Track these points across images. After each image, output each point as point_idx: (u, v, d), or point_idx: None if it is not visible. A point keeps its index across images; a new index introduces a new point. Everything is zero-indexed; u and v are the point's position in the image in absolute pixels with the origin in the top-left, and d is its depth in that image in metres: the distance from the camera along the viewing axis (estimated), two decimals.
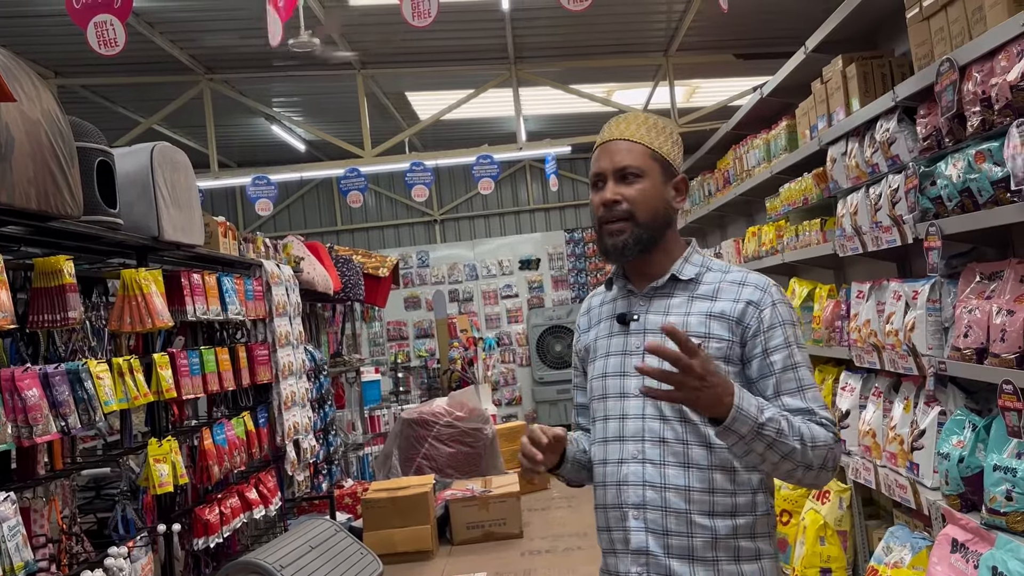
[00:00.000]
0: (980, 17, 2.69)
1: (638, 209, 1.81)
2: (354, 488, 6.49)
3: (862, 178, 3.68)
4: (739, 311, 1.80)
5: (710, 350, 1.75)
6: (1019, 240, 3.06)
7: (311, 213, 12.74)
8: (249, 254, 4.94)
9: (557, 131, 10.56)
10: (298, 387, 5.09)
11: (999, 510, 2.72)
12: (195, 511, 3.78)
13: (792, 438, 1.67)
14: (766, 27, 7.33)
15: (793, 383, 1.77)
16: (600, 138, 1.91)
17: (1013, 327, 2.66)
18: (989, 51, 2.58)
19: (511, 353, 12.36)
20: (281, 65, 8.02)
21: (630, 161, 1.82)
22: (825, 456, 1.71)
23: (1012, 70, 2.46)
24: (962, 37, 2.82)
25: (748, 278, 1.84)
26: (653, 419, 1.80)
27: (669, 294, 1.86)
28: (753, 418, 1.62)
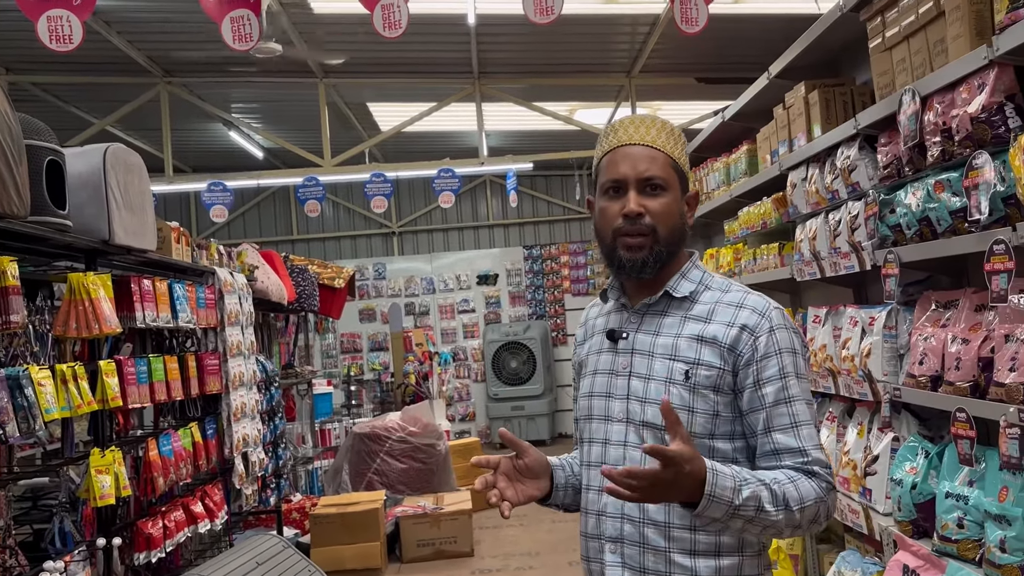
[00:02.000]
0: (942, 49, 2.73)
1: (660, 225, 1.67)
2: (302, 503, 6.38)
3: (822, 204, 3.72)
4: (732, 337, 1.65)
5: (698, 377, 1.64)
6: (974, 270, 3.10)
7: (267, 221, 12.57)
8: (202, 261, 4.84)
9: (519, 148, 10.57)
10: (248, 398, 4.98)
11: (950, 537, 2.73)
12: (137, 524, 3.66)
13: (775, 511, 1.53)
14: (727, 52, 7.43)
15: (786, 419, 1.62)
16: (615, 139, 1.74)
17: (967, 356, 2.69)
18: (950, 83, 2.62)
19: (466, 368, 12.29)
20: (241, 71, 7.91)
21: (656, 171, 1.68)
22: (816, 513, 1.58)
23: (973, 102, 2.50)
24: (923, 68, 2.86)
25: (747, 300, 1.70)
26: (635, 448, 1.67)
27: (662, 312, 1.73)
28: (727, 501, 1.48)
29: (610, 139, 1.75)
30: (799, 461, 1.60)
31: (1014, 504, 2.45)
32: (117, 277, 3.58)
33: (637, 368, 1.71)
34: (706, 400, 1.63)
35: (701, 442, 1.62)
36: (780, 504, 1.53)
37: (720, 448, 1.64)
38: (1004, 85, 2.42)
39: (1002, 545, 2.46)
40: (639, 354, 1.71)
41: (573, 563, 5.73)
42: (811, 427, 1.63)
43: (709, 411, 1.64)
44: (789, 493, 1.55)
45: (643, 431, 1.67)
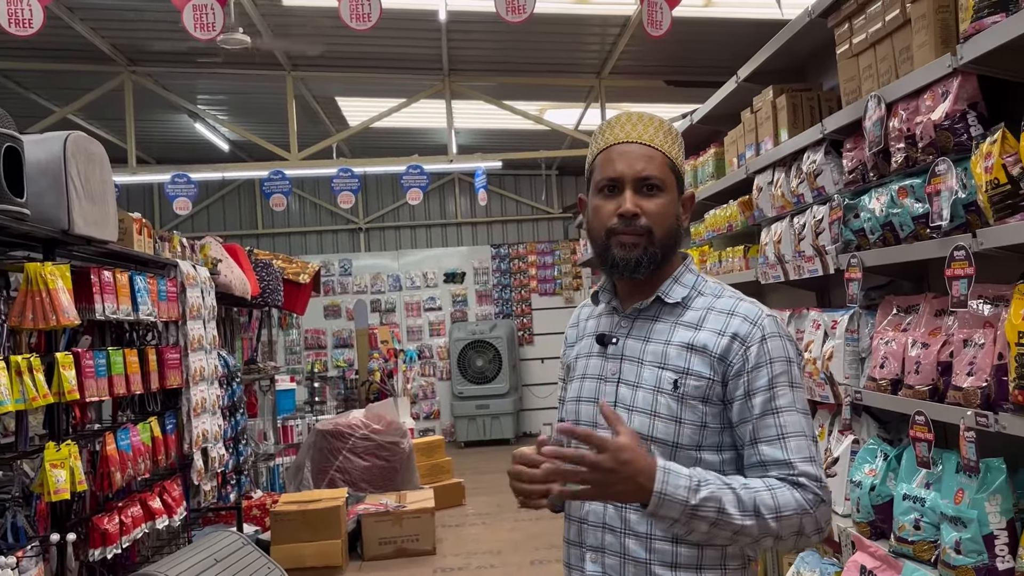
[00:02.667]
0: (907, 56, 2.77)
1: (656, 226, 1.62)
2: (263, 499, 6.31)
3: (787, 207, 3.75)
4: (723, 346, 1.59)
5: (687, 387, 1.59)
6: (934, 275, 3.14)
7: (231, 215, 12.43)
8: (164, 253, 4.77)
9: (488, 146, 10.55)
10: (209, 393, 4.92)
11: (907, 539, 2.77)
12: (93, 520, 3.60)
13: (740, 515, 1.47)
14: (696, 56, 7.47)
15: (772, 430, 1.55)
16: (611, 136, 1.68)
17: (927, 360, 2.73)
18: (915, 90, 2.65)
19: (432, 366, 12.25)
20: (208, 61, 7.80)
21: (653, 171, 1.63)
22: (800, 524, 1.51)
23: (936, 109, 2.53)
24: (889, 75, 2.90)
25: (739, 307, 1.64)
26: None
27: (653, 317, 1.68)
28: (682, 501, 1.45)
29: (606, 136, 1.69)
30: (785, 473, 1.54)
31: (970, 507, 2.49)
32: (76, 268, 3.51)
33: (626, 375, 1.66)
34: (694, 411, 1.59)
35: (688, 453, 1.58)
36: (748, 510, 1.48)
37: (707, 459, 1.59)
38: (967, 93, 2.46)
39: (957, 547, 2.50)
40: (628, 360, 1.67)
41: (535, 562, 5.73)
42: (802, 439, 1.56)
43: (697, 422, 1.59)
44: (762, 500, 1.49)
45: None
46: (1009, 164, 2.22)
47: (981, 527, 2.44)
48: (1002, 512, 2.44)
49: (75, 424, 3.65)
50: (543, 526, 6.66)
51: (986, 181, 2.27)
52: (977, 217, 2.42)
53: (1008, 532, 2.42)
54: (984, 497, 2.45)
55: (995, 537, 2.43)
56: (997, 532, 2.43)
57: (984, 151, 2.29)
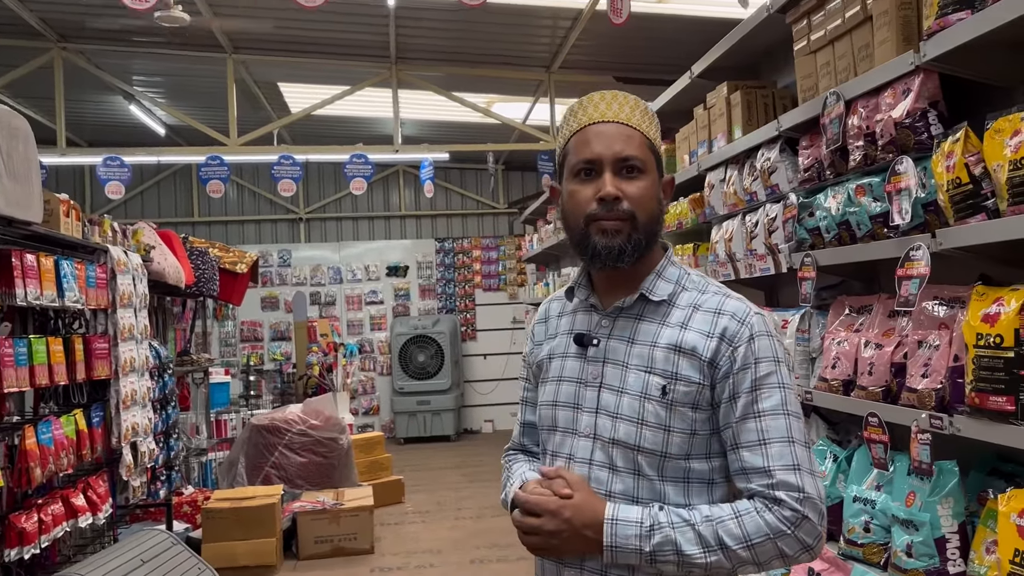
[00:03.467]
0: (867, 54, 2.74)
1: (639, 210, 1.51)
2: (194, 496, 6.09)
3: (739, 205, 3.72)
4: (712, 349, 1.50)
5: (676, 393, 1.49)
6: (886, 275, 3.14)
7: (166, 201, 12.05)
8: (94, 238, 4.54)
9: (434, 138, 10.40)
10: (139, 385, 4.71)
11: (857, 541, 2.75)
12: (9, 518, 3.39)
13: (704, 552, 1.41)
14: (646, 53, 7.45)
15: (753, 434, 1.45)
16: (585, 116, 1.57)
17: (881, 361, 2.70)
18: (876, 87, 2.62)
19: (372, 361, 12.06)
20: (145, 41, 7.51)
21: (633, 151, 1.52)
22: (777, 549, 1.41)
23: (897, 107, 2.50)
24: (848, 73, 2.87)
25: (726, 305, 1.54)
26: (601, 467, 1.53)
27: (637, 316, 1.57)
28: (635, 550, 1.41)
29: (579, 117, 1.58)
30: (764, 484, 1.44)
31: (921, 510, 2.47)
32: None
33: (609, 380, 1.55)
34: (683, 418, 1.49)
35: (677, 463, 1.50)
36: (711, 545, 1.40)
37: (696, 468, 1.51)
38: (928, 92, 2.43)
39: (908, 550, 2.47)
40: (611, 364, 1.56)
41: (476, 561, 5.64)
42: (785, 445, 1.45)
43: (686, 430, 1.50)
44: (727, 530, 1.41)
45: (612, 449, 1.52)
46: (971, 164, 2.19)
47: (933, 530, 2.42)
48: (954, 515, 2.42)
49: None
50: (483, 524, 6.57)
51: (947, 180, 2.24)
52: (936, 217, 2.40)
53: (959, 536, 2.40)
54: (937, 500, 2.43)
55: (947, 541, 2.41)
56: (949, 536, 2.41)
57: (946, 150, 2.26)
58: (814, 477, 1.46)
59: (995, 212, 2.16)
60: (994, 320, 2.14)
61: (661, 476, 1.50)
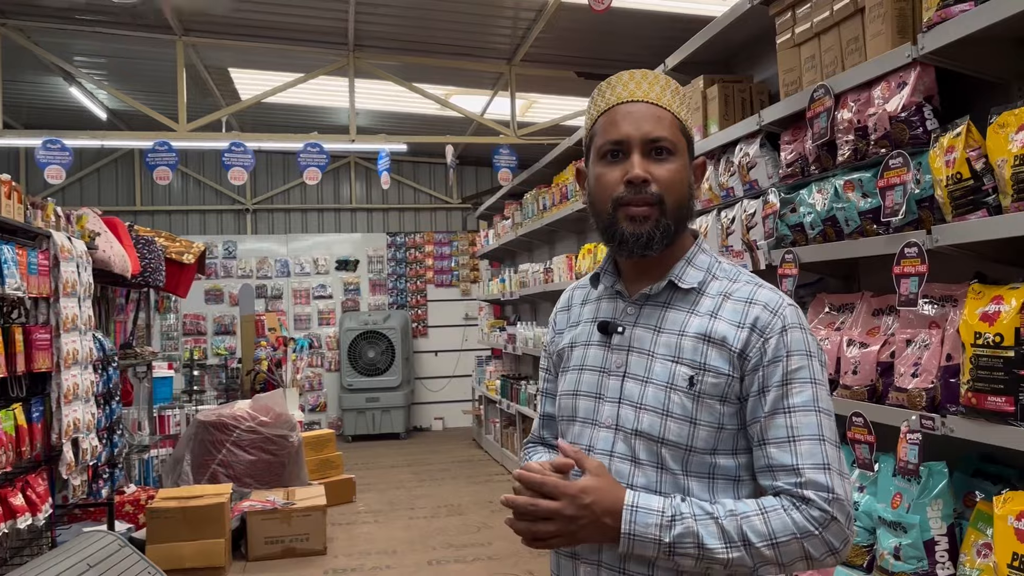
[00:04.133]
0: (857, 47, 2.69)
1: (668, 194, 1.45)
2: (137, 495, 5.85)
3: (714, 201, 3.66)
4: (743, 340, 1.43)
5: (705, 385, 1.43)
6: (866, 273, 3.10)
7: (107, 189, 11.62)
8: (37, 222, 4.30)
9: (389, 130, 10.21)
10: (83, 379, 4.47)
11: None
12: None
13: (727, 547, 1.34)
14: (609, 48, 7.39)
15: (783, 431, 1.39)
16: (613, 96, 1.51)
17: (866, 360, 2.66)
18: (868, 81, 2.57)
19: (319, 357, 11.81)
20: (89, 19, 7.19)
21: (663, 132, 1.46)
22: (803, 549, 1.35)
23: (892, 101, 2.45)
24: (834, 66, 2.82)
25: (758, 295, 1.47)
26: (623, 460, 1.46)
27: (665, 304, 1.51)
28: (654, 539, 1.34)
29: (607, 96, 1.52)
30: (791, 482, 1.37)
31: (910, 511, 2.42)
32: None
33: (633, 369, 1.49)
34: (711, 411, 1.43)
35: (702, 458, 1.43)
36: (734, 541, 1.34)
37: (722, 464, 1.44)
38: (924, 85, 2.39)
39: (896, 553, 2.43)
40: (636, 352, 1.49)
41: (432, 561, 5.51)
42: (815, 443, 1.38)
43: (714, 423, 1.43)
44: (752, 527, 1.35)
45: (635, 441, 1.45)
46: (973, 158, 2.15)
47: (922, 533, 2.38)
48: (943, 517, 2.38)
49: None
50: (438, 524, 6.43)
51: (947, 176, 2.20)
52: (930, 214, 2.36)
53: (948, 538, 2.36)
54: (926, 502, 2.39)
55: (935, 543, 2.37)
56: (938, 538, 2.37)
57: (945, 144, 2.22)
58: (844, 479, 1.40)
59: (997, 208, 2.11)
60: (993, 319, 2.09)
61: (685, 471, 1.43)
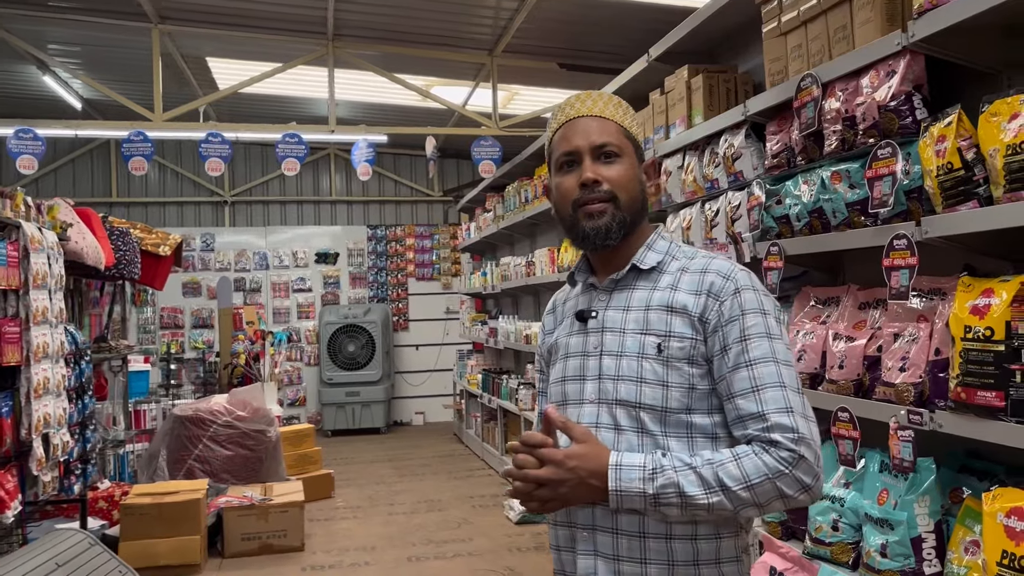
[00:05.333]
0: (844, 35, 2.64)
1: (620, 191, 1.64)
2: (111, 490, 5.74)
3: (698, 193, 3.61)
4: (701, 305, 1.59)
5: (671, 350, 1.58)
6: (851, 266, 3.06)
7: (82, 180, 11.44)
8: (5, 212, 4.19)
9: (369, 121, 10.09)
10: (54, 373, 4.37)
11: (824, 540, 2.66)
12: None
13: (707, 492, 1.47)
14: (591, 40, 7.32)
15: (747, 382, 1.53)
16: (563, 115, 1.73)
17: (853, 354, 2.62)
18: (856, 69, 2.52)
19: (299, 351, 11.69)
20: (62, 6, 7.04)
21: (608, 138, 1.66)
22: (776, 488, 1.47)
23: (881, 89, 2.40)
24: (822, 55, 2.77)
25: (711, 264, 1.64)
26: (608, 429, 1.60)
27: (631, 286, 1.69)
28: (639, 492, 1.48)
29: (559, 117, 1.74)
30: (759, 427, 1.50)
31: (897, 508, 2.38)
32: None
33: (608, 346, 1.65)
34: (680, 373, 1.57)
35: (678, 417, 1.57)
36: (713, 486, 1.47)
37: (698, 423, 1.57)
38: (914, 74, 2.34)
39: (883, 550, 2.39)
40: (610, 331, 1.66)
41: (412, 558, 5.44)
42: (777, 389, 1.52)
43: (684, 384, 1.57)
44: (728, 472, 1.47)
45: (616, 409, 1.61)
46: (964, 148, 2.10)
47: (909, 530, 2.34)
48: (930, 514, 2.35)
49: None
50: (418, 520, 6.37)
51: (938, 166, 2.15)
52: (919, 205, 2.31)
53: (936, 535, 2.33)
54: (914, 499, 2.35)
55: (923, 540, 2.33)
56: (925, 535, 2.33)
57: (936, 134, 2.17)
58: (808, 421, 1.51)
59: (988, 199, 2.07)
60: (984, 312, 2.05)
61: (664, 432, 1.56)
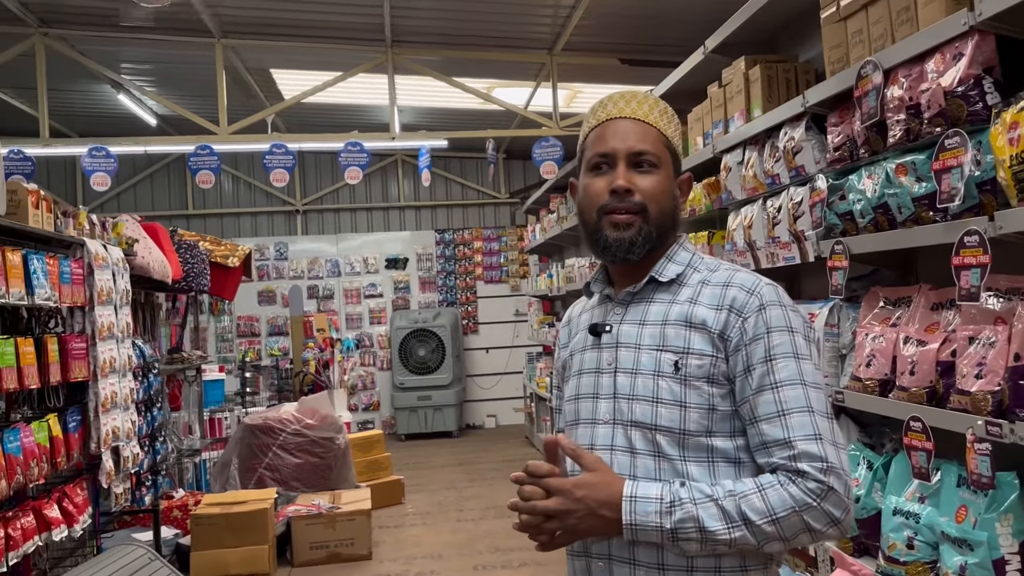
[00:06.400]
0: (908, 17, 2.46)
1: (651, 204, 1.54)
2: (185, 499, 5.84)
3: (759, 189, 3.44)
4: (722, 321, 1.49)
5: (689, 368, 1.48)
6: (924, 264, 2.86)
7: (159, 194, 11.77)
8: (69, 231, 4.27)
9: (432, 126, 10.10)
10: (121, 386, 4.44)
11: (899, 559, 2.48)
12: None
13: (728, 527, 1.37)
14: (652, 33, 7.16)
15: (772, 406, 1.42)
16: (603, 113, 1.61)
17: (925, 359, 2.43)
18: (920, 54, 2.34)
19: (371, 356, 11.79)
20: (132, 26, 7.22)
21: (647, 146, 1.55)
22: (803, 522, 1.37)
23: (946, 74, 2.22)
24: (884, 40, 2.59)
25: (735, 278, 1.53)
26: (623, 452, 1.50)
27: (648, 299, 1.58)
28: (655, 527, 1.39)
29: (598, 114, 1.63)
30: (785, 456, 1.40)
31: (976, 527, 2.20)
32: None
33: (623, 363, 1.55)
34: (700, 393, 1.47)
35: (698, 440, 1.46)
36: (735, 520, 1.37)
37: (720, 447, 1.47)
38: (983, 56, 2.16)
39: (962, 572, 2.21)
40: (624, 347, 1.56)
41: (478, 567, 5.38)
42: (805, 415, 1.41)
43: (704, 405, 1.47)
44: (751, 505, 1.37)
45: (631, 431, 1.50)
46: None
47: (991, 551, 2.15)
48: (1014, 534, 2.15)
49: None
50: (486, 527, 6.31)
51: (1011, 155, 1.97)
52: (992, 198, 2.13)
53: (1020, 556, 2.13)
54: (995, 517, 2.16)
55: (1006, 562, 2.14)
56: (1008, 556, 2.14)
57: (1008, 121, 1.99)
58: (838, 448, 1.42)
59: None
60: None
61: (683, 456, 1.47)
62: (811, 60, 3.47)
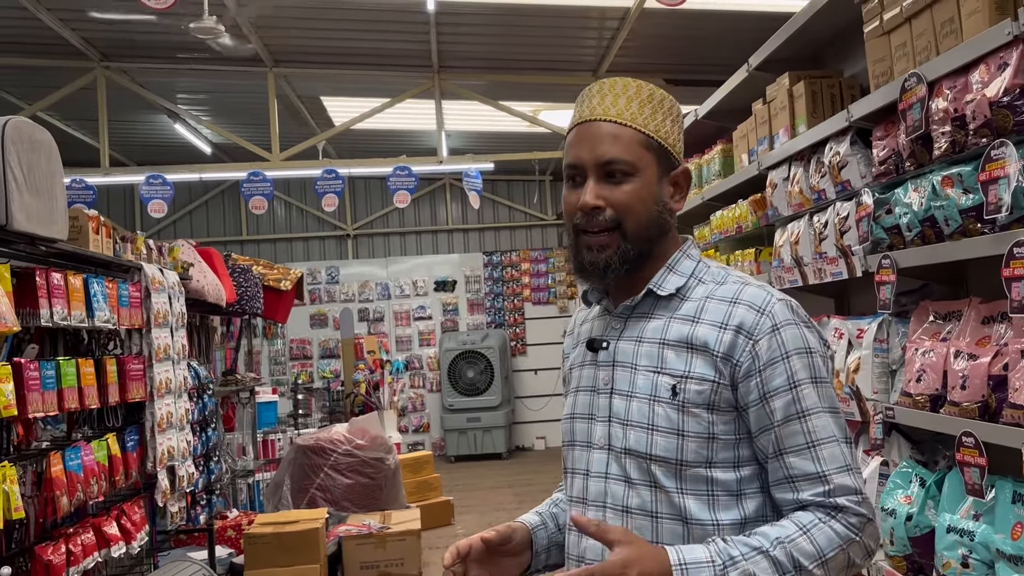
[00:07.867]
0: (952, 29, 2.44)
1: (627, 218, 1.40)
2: (239, 519, 5.94)
3: (805, 205, 3.43)
4: (727, 343, 1.36)
5: (688, 393, 1.36)
6: (975, 277, 2.81)
7: (215, 220, 12.06)
8: (126, 255, 4.41)
9: (479, 149, 10.22)
10: (177, 407, 4.55)
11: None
12: (35, 550, 3.23)
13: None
14: (696, 52, 7.17)
15: (800, 438, 1.33)
16: (577, 115, 1.46)
17: (976, 373, 2.39)
18: (964, 65, 2.32)
19: (421, 378, 11.88)
20: (186, 57, 7.46)
21: (617, 153, 1.40)
22: (847, 558, 1.31)
23: (991, 85, 2.20)
24: (928, 52, 2.57)
25: (743, 293, 1.39)
26: (617, 481, 1.41)
27: (647, 314, 1.45)
28: None
29: (575, 113, 1.49)
30: (819, 492, 1.33)
31: None
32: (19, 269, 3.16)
33: (619, 384, 1.43)
34: (699, 421, 1.35)
35: (696, 471, 1.36)
36: (788, 569, 1.29)
37: (721, 479, 1.37)
38: None
39: None
40: (621, 367, 1.44)
41: None
42: (836, 445, 1.34)
43: (703, 433, 1.36)
44: (802, 550, 1.29)
45: (625, 460, 1.40)
46: None
47: None
48: None
49: (18, 442, 3.28)
50: None
51: None
52: None
53: None
54: None
55: None
56: None
57: None
58: (860, 475, 1.37)
59: None
60: None
61: (680, 488, 1.36)
62: (855, 75, 3.46)
